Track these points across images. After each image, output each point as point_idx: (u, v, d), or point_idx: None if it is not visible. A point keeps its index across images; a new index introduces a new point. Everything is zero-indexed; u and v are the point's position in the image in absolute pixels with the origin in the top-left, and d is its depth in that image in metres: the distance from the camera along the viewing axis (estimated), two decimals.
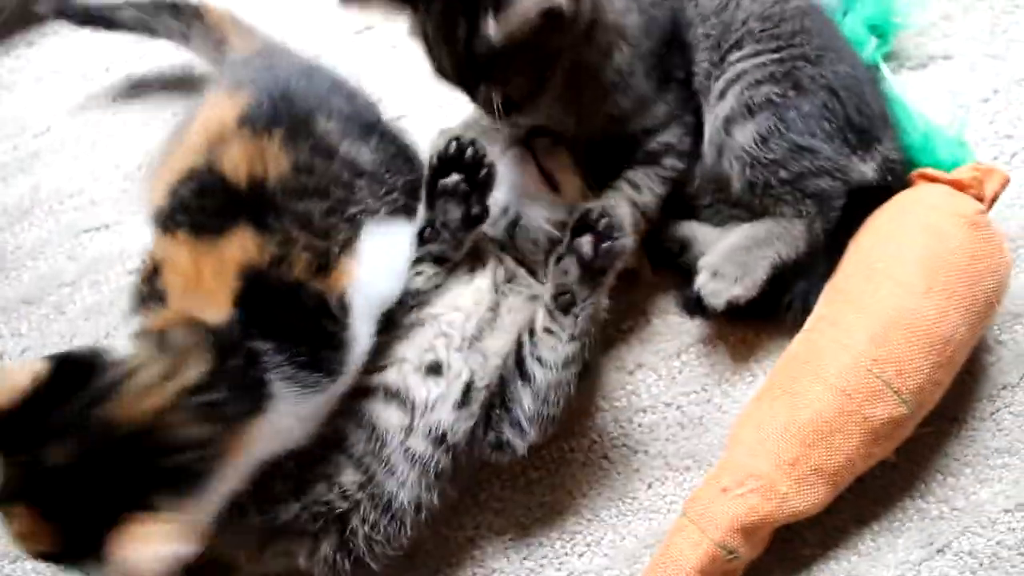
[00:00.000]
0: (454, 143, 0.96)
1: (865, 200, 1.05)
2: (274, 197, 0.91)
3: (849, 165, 1.03)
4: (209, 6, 1.19)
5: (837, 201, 1.04)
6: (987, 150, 1.15)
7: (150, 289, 0.88)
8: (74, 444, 0.79)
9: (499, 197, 1.04)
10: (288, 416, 0.87)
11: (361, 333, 0.92)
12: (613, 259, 0.92)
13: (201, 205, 0.91)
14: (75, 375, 0.80)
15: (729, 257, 1.04)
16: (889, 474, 1.02)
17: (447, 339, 0.98)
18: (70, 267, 1.20)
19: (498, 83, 0.94)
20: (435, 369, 0.96)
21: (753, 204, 1.05)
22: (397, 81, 1.21)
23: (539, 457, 1.06)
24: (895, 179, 1.06)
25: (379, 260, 0.96)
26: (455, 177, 0.97)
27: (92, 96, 1.27)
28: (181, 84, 1.27)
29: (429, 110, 1.22)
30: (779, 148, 1.01)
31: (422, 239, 0.99)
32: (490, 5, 0.89)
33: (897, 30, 1.19)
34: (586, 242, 0.91)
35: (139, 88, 1.27)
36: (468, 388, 0.96)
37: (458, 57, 0.93)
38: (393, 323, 0.98)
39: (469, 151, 0.96)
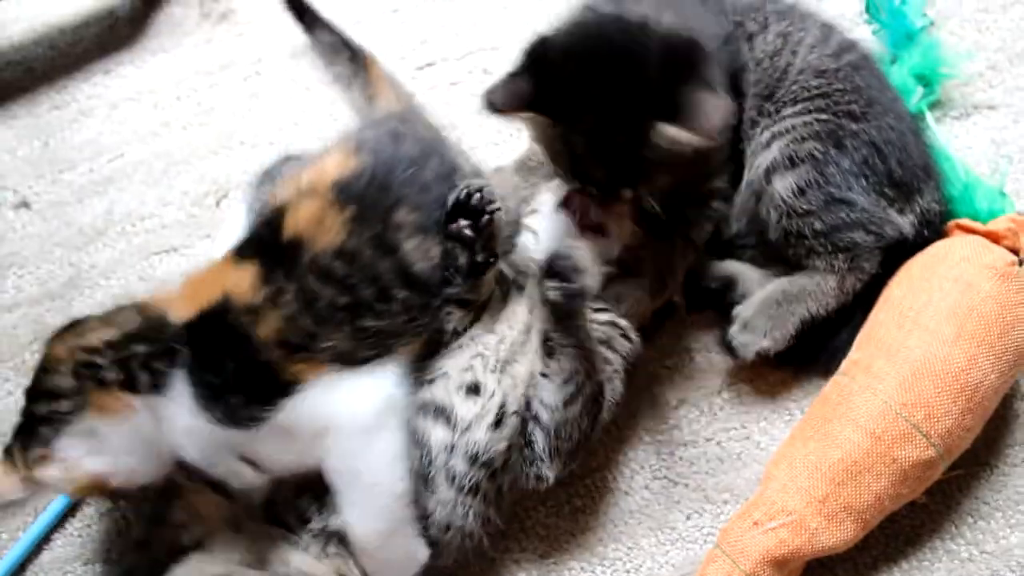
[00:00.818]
0: (464, 190, 0.99)
1: (900, 256, 1.08)
2: (300, 261, 0.94)
3: (885, 218, 1.06)
4: (374, 60, 1.24)
5: (870, 257, 1.07)
6: None
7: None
8: None
9: (542, 236, 1.07)
10: (177, 418, 0.93)
11: (289, 424, 0.92)
12: (573, 302, 0.94)
13: (254, 236, 0.99)
14: None
15: (761, 310, 1.09)
16: (920, 515, 1.06)
17: (483, 360, 1.02)
18: (140, 287, 1.26)
19: (647, 183, 0.98)
20: (474, 389, 1.01)
21: (788, 253, 1.09)
22: (455, 117, 1.25)
23: (583, 486, 1.12)
24: (933, 233, 1.09)
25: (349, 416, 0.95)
26: (461, 222, 0.99)
27: (164, 123, 1.33)
28: (249, 113, 1.33)
29: (485, 147, 1.27)
30: (815, 199, 1.05)
31: (444, 282, 1.01)
32: (661, 114, 0.91)
33: (943, 80, 1.23)
34: (551, 286, 0.94)
35: (208, 116, 1.33)
36: (502, 409, 1.00)
37: (614, 169, 0.96)
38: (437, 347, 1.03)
39: (475, 197, 0.98)
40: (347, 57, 1.26)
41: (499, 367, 1.02)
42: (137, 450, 0.95)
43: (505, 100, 0.94)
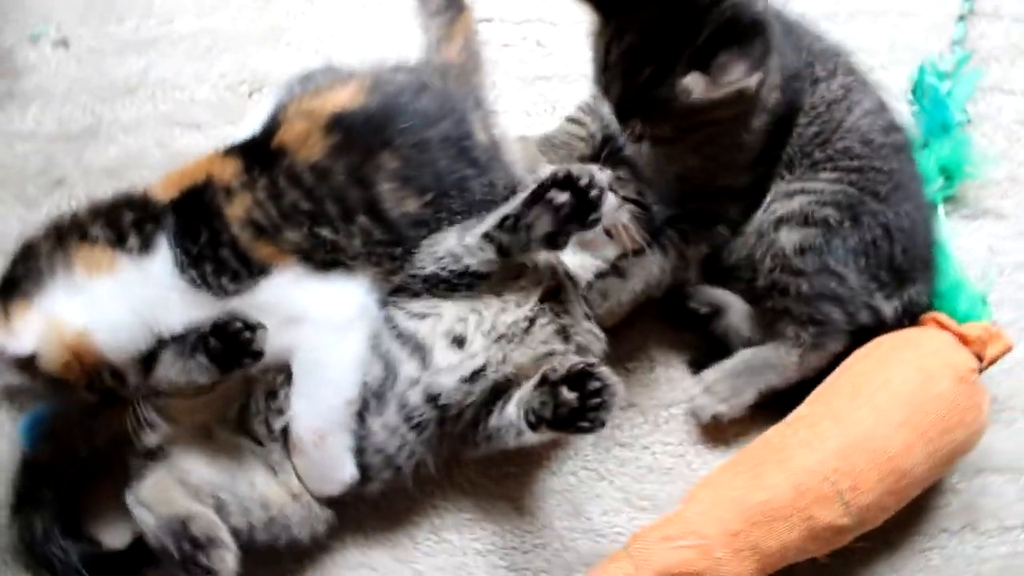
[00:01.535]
0: (589, 176, 0.97)
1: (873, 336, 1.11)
2: (278, 163, 1.02)
3: (868, 302, 1.09)
4: (470, 10, 1.26)
5: (838, 338, 1.10)
6: (1005, 314, 1.22)
7: None
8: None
9: None
10: (160, 280, 0.99)
11: (267, 297, 1.00)
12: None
13: (248, 140, 1.07)
14: None
15: (723, 378, 1.13)
16: (819, 572, 1.11)
17: (479, 318, 1.06)
18: (156, 153, 1.29)
19: (652, 123, 1.01)
20: (459, 342, 1.05)
21: (766, 305, 1.12)
22: (498, 78, 1.28)
23: (518, 455, 1.16)
24: (911, 321, 1.12)
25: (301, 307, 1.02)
26: (566, 197, 0.99)
27: (221, 3, 1.34)
28: (303, 16, 1.35)
29: (518, 114, 1.30)
30: (812, 263, 1.08)
31: (501, 225, 1.02)
32: (691, 63, 0.94)
33: (964, 178, 1.25)
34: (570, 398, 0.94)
35: (264, 8, 1.35)
36: (477, 372, 1.04)
37: (631, 91, 0.99)
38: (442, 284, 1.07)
39: (595, 191, 0.98)
40: None
41: (493, 333, 1.05)
42: (122, 313, 0.99)
43: None
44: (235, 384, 1.06)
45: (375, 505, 1.13)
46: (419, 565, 1.14)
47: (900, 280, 1.11)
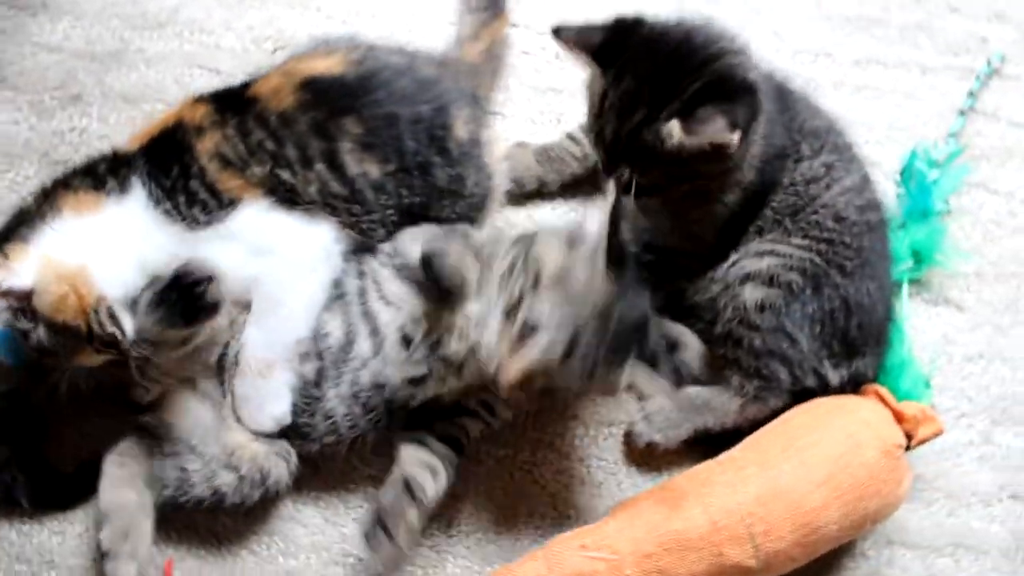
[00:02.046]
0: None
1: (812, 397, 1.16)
2: (249, 109, 1.10)
3: (818, 367, 1.14)
4: (506, 19, 1.31)
5: (779, 396, 1.15)
6: (945, 400, 1.27)
7: None
8: None
9: None
10: (141, 214, 1.07)
11: (236, 228, 1.07)
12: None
13: (226, 88, 1.15)
14: None
15: (665, 410, 1.18)
16: None
17: (427, 329, 1.10)
18: (173, 89, 1.32)
19: (638, 170, 1.05)
20: (407, 342, 1.10)
21: (718, 350, 1.16)
22: (510, 83, 1.33)
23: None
24: (852, 390, 1.17)
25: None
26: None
27: None
28: None
29: (523, 122, 1.34)
30: (769, 321, 1.12)
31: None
32: (677, 112, 1.00)
33: (933, 265, 1.29)
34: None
35: None
36: (420, 380, 1.10)
37: (622, 134, 1.03)
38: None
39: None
40: None
41: (437, 350, 1.09)
42: (110, 248, 1.05)
43: (574, 37, 1.05)
44: (220, 335, 1.11)
45: (315, 466, 1.17)
46: (346, 529, 1.18)
47: (850, 352, 1.15)
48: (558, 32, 1.06)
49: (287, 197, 1.10)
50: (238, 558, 1.17)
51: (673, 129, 0.99)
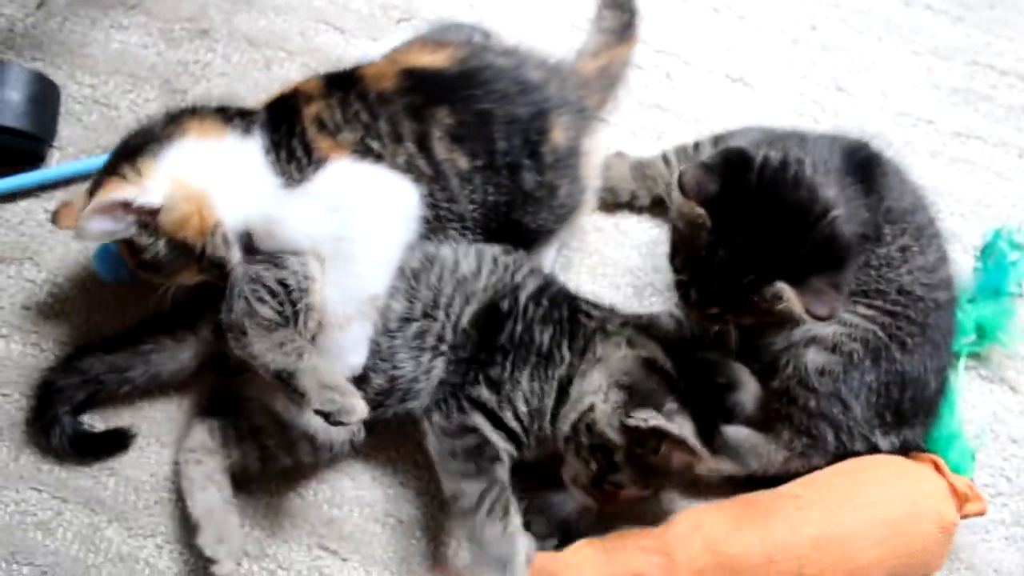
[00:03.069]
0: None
1: None
2: (353, 86, 1.14)
3: (868, 435, 1.16)
4: (632, 41, 1.36)
5: (824, 456, 1.16)
6: (982, 478, 1.28)
7: None
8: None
9: None
10: (254, 158, 1.11)
11: (320, 187, 1.11)
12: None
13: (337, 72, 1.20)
14: None
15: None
16: None
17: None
18: (296, 39, 1.37)
19: (732, 315, 1.10)
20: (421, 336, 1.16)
21: (771, 402, 1.18)
22: (620, 94, 1.37)
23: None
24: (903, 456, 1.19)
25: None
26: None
27: None
28: None
29: (625, 136, 1.38)
30: (826, 386, 1.14)
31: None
32: (789, 278, 1.02)
33: (995, 343, 1.31)
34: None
35: None
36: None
37: (726, 287, 1.06)
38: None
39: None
40: (622, 19, 1.35)
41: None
42: (230, 177, 1.11)
43: (693, 188, 1.04)
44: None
45: (370, 427, 1.19)
46: (391, 490, 1.22)
47: (900, 423, 1.17)
48: (683, 188, 1.04)
49: (374, 162, 1.13)
50: (285, 499, 1.21)
51: (786, 293, 1.02)
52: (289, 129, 1.13)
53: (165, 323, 1.21)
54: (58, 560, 1.18)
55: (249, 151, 1.12)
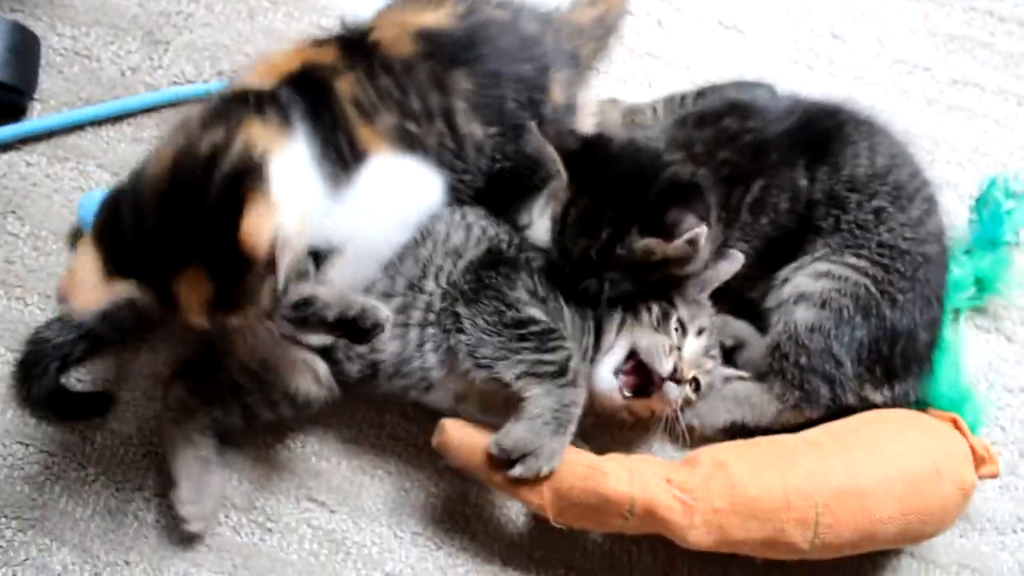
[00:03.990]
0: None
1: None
2: (373, 54, 1.07)
3: (858, 390, 1.16)
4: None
5: (817, 409, 1.16)
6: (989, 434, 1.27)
7: None
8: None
9: None
10: (303, 167, 1.00)
11: (359, 192, 1.03)
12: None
13: (348, 33, 1.11)
14: None
15: (708, 397, 1.19)
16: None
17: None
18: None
19: (608, 279, 1.13)
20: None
21: (766, 357, 1.18)
22: (611, 43, 1.34)
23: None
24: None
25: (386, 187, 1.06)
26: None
27: None
28: None
29: (613, 82, 1.36)
30: (816, 342, 1.14)
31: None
32: (644, 226, 1.08)
33: (993, 293, 1.31)
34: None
35: None
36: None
37: (591, 250, 1.11)
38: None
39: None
40: None
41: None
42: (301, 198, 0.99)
43: (555, 139, 1.11)
44: None
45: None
46: (378, 441, 1.22)
47: (890, 377, 1.17)
48: (544, 133, 1.11)
49: (414, 150, 1.08)
50: (272, 451, 1.21)
51: (650, 243, 1.08)
52: (332, 119, 1.02)
53: None
54: (46, 514, 1.17)
55: (297, 155, 0.99)
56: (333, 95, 1.03)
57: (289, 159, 0.98)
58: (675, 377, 1.10)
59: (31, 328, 1.20)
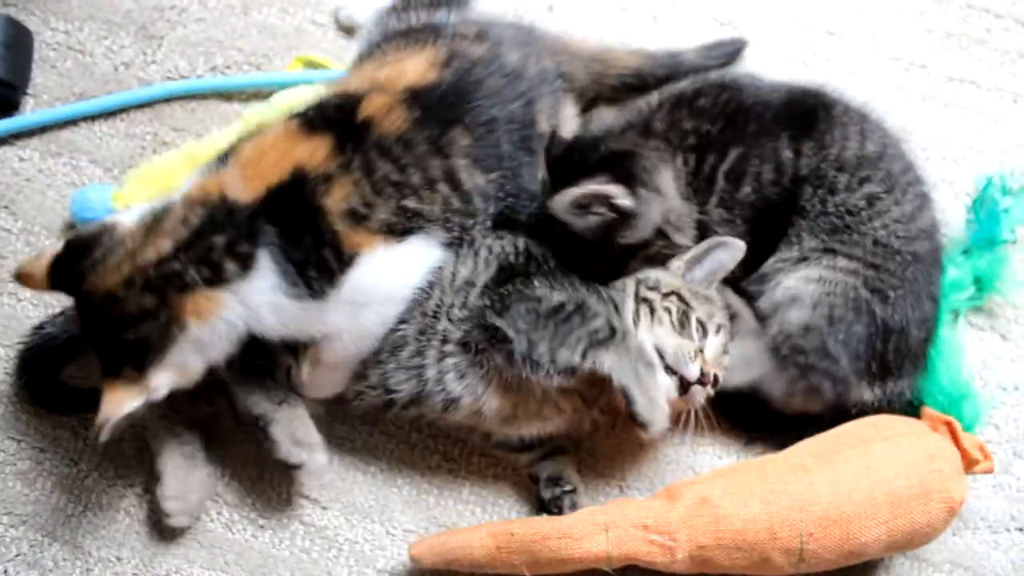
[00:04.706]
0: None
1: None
2: (368, 137, 1.03)
3: (855, 386, 1.17)
4: None
5: (821, 403, 1.17)
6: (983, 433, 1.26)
7: (229, 150, 1.04)
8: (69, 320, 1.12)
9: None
10: (265, 296, 1.00)
11: (349, 291, 1.02)
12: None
13: (325, 110, 1.06)
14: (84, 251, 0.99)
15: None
16: None
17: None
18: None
19: (564, 256, 1.17)
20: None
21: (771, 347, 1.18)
22: (605, 37, 1.33)
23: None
24: (892, 410, 1.19)
25: (391, 269, 1.05)
26: None
27: None
28: None
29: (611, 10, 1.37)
30: (811, 341, 1.15)
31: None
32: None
33: (992, 293, 1.30)
34: None
35: None
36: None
37: (548, 234, 1.16)
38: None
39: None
40: None
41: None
42: (234, 337, 1.01)
43: (550, 147, 1.17)
44: None
45: None
46: (372, 437, 1.22)
47: (885, 374, 1.18)
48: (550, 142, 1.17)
49: (411, 225, 1.06)
50: (264, 448, 1.19)
51: (554, 198, 1.12)
52: (317, 240, 1.00)
53: None
54: (38, 510, 1.17)
55: (256, 287, 0.99)
56: (320, 214, 1.00)
57: (235, 305, 1.00)
58: (702, 381, 1.10)
59: (24, 324, 1.20)
